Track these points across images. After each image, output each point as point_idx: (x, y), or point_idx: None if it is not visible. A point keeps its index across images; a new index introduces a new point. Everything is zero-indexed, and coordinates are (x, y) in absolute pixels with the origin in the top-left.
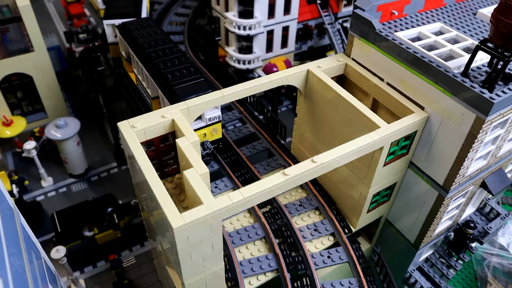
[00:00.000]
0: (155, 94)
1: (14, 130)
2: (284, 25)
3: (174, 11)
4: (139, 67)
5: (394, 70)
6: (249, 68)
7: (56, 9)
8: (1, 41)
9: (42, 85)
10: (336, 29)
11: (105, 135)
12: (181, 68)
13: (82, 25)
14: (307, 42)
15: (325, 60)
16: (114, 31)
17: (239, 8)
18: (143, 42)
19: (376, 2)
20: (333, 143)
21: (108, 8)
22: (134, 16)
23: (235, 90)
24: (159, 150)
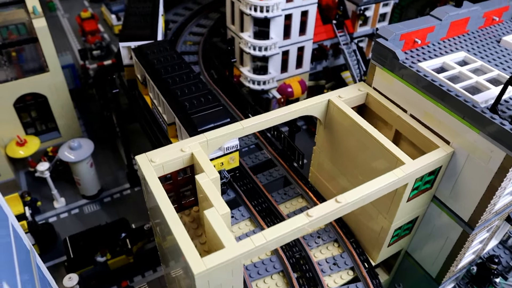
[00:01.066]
0: (171, 120)
1: (28, 150)
2: (300, 46)
3: (188, 30)
4: (155, 92)
5: (418, 102)
6: (264, 89)
7: (71, 24)
8: (17, 61)
9: (56, 104)
10: (352, 50)
11: (117, 154)
12: (198, 95)
13: (96, 42)
14: (322, 62)
15: (346, 90)
16: (130, 53)
17: (255, 29)
18: (159, 67)
19: (399, 31)
20: (353, 174)
21: (124, 29)
22: (150, 38)
23: (255, 122)
24: (177, 183)
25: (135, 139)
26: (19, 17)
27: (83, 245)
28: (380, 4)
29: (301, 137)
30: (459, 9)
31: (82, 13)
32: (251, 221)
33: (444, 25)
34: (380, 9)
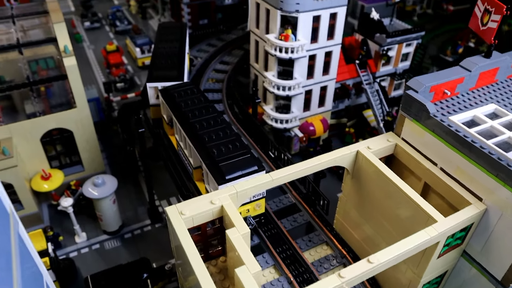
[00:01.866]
0: (197, 164)
1: (52, 184)
2: (323, 85)
3: (212, 67)
4: (182, 135)
5: (449, 156)
6: (286, 127)
7: (96, 56)
8: (45, 95)
9: (81, 139)
10: (375, 90)
11: (139, 188)
12: (226, 142)
13: (120, 75)
14: (344, 100)
15: (375, 140)
16: (156, 93)
17: (279, 69)
18: (187, 111)
19: (429, 83)
20: (380, 223)
21: (151, 69)
22: (177, 79)
23: (284, 174)
24: (206, 234)
25: (157, 174)
26: (48, 51)
27: (105, 285)
28: (403, 44)
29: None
30: (488, 60)
31: (107, 46)
32: (275, 268)
33: (474, 76)
34: (403, 49)
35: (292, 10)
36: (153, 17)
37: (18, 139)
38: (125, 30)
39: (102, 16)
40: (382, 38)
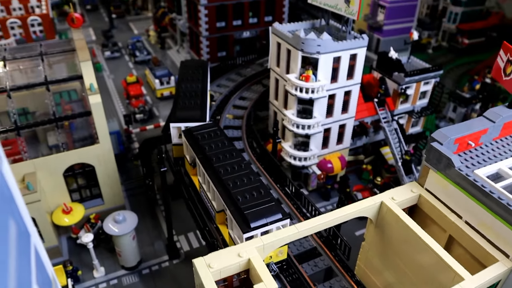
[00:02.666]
0: (221, 208)
1: (73, 218)
2: (342, 123)
3: (232, 103)
4: (206, 179)
5: (475, 211)
6: (305, 165)
7: (115, 85)
8: (68, 129)
9: (103, 174)
10: (393, 128)
11: (157, 221)
12: (250, 188)
13: (139, 106)
14: (362, 137)
15: (399, 191)
16: (179, 132)
17: (298, 107)
18: (211, 154)
19: (453, 136)
20: (402, 271)
21: (175, 109)
22: (200, 120)
23: (310, 226)
24: (231, 286)
25: (175, 209)
26: (72, 83)
27: None
28: (421, 82)
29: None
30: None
31: (128, 77)
32: None
33: (497, 127)
34: (421, 87)
35: (313, 52)
36: (171, 48)
37: (41, 173)
38: (144, 60)
39: (122, 46)
40: (401, 77)
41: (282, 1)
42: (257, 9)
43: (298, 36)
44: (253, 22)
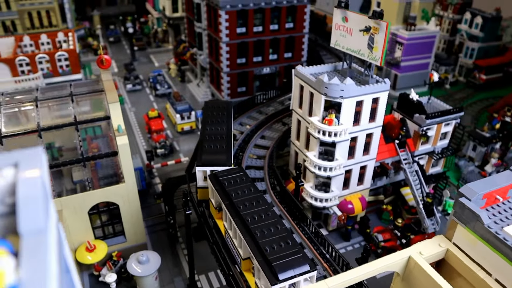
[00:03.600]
0: (247, 255)
1: (96, 257)
2: (363, 165)
3: (254, 142)
4: (232, 226)
5: (505, 269)
6: (326, 206)
7: (136, 118)
8: (94, 167)
9: (126, 212)
10: (414, 170)
11: (177, 259)
12: (278, 238)
13: (161, 141)
14: (382, 178)
15: (426, 245)
16: (204, 175)
17: (320, 149)
18: (237, 201)
19: (481, 191)
20: None
21: (200, 152)
22: (225, 164)
23: (340, 281)
24: None
25: (196, 247)
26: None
27: None
28: (442, 124)
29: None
30: None
31: (150, 112)
32: None
33: None
34: (442, 129)
35: (337, 96)
36: (191, 81)
37: (67, 212)
38: (164, 94)
39: (143, 79)
40: (422, 119)
41: (302, 38)
42: (277, 46)
43: (321, 81)
44: (273, 59)
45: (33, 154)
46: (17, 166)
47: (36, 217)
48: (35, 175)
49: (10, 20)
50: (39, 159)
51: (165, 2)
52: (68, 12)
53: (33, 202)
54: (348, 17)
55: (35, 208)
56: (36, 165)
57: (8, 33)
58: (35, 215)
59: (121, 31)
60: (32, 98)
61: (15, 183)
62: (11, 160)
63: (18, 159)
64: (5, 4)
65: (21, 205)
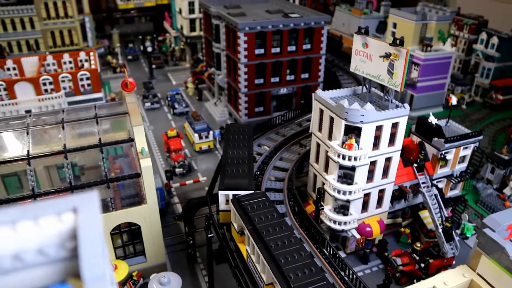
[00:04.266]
0: (270, 281)
1: (118, 276)
2: (381, 188)
3: (273, 164)
4: (255, 251)
5: None
6: (344, 229)
7: (155, 136)
8: (117, 187)
9: (148, 233)
10: (433, 194)
11: (195, 279)
12: (302, 265)
13: (179, 160)
14: (400, 201)
15: (450, 276)
16: (226, 198)
17: (340, 173)
18: (261, 226)
19: (506, 222)
20: None
21: (223, 176)
22: (247, 188)
23: None
24: None
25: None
26: (119, 138)
27: None
28: (461, 147)
29: (377, 276)
30: None
31: (169, 131)
32: None
33: None
34: (460, 152)
35: (357, 121)
36: (208, 100)
37: None
38: (182, 112)
39: (161, 97)
40: (440, 143)
41: (319, 59)
42: (294, 67)
43: (342, 106)
44: (290, 79)
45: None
46: (75, 211)
47: (97, 262)
48: (95, 220)
49: (34, 39)
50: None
51: (183, 22)
52: (89, 31)
53: (94, 247)
54: (368, 43)
55: (96, 254)
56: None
57: (32, 52)
58: (96, 260)
59: (140, 49)
60: (58, 120)
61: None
62: (70, 205)
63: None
64: (29, 24)
65: (83, 250)
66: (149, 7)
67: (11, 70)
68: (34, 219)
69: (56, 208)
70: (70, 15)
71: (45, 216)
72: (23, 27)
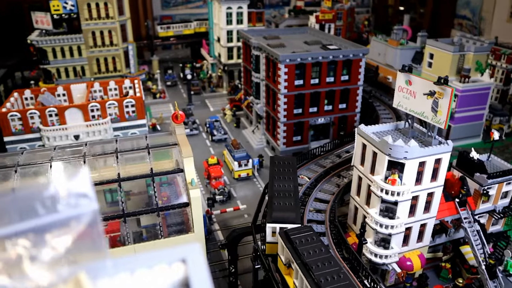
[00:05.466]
0: None
1: None
2: (423, 223)
3: (314, 195)
4: (304, 285)
5: None
6: (385, 262)
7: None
8: (164, 216)
9: None
10: (475, 230)
11: None
12: None
13: (219, 187)
14: (441, 236)
15: None
16: (273, 230)
17: (382, 207)
18: (310, 261)
19: None
20: None
21: (271, 209)
22: (294, 221)
23: None
24: None
25: None
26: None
27: None
28: (503, 183)
29: None
30: None
31: (210, 159)
32: None
33: None
34: (503, 188)
35: (401, 157)
36: (246, 127)
37: None
38: (220, 139)
39: (199, 123)
40: (483, 179)
41: (356, 90)
42: (332, 98)
43: (386, 142)
44: (328, 109)
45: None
46: (185, 261)
47: None
48: (203, 271)
49: (80, 65)
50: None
51: (220, 50)
52: (131, 58)
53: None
54: (412, 81)
55: None
56: (200, 261)
57: (77, 77)
58: None
59: (178, 76)
60: (113, 149)
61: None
62: (178, 255)
63: (185, 255)
64: (77, 51)
65: None
66: (188, 35)
67: (61, 96)
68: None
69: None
70: (115, 43)
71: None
72: (71, 55)
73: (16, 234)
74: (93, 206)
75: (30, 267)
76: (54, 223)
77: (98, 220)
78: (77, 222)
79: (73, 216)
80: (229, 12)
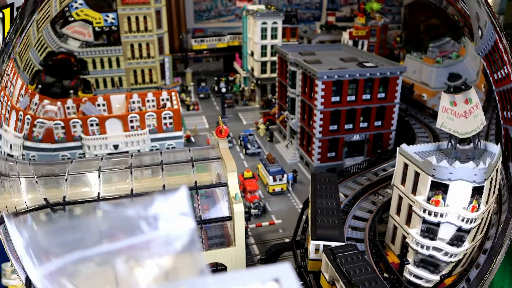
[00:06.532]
0: None
1: None
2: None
3: (352, 213)
4: None
5: None
6: (428, 286)
7: None
8: (205, 231)
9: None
10: None
11: None
12: None
13: (255, 201)
14: None
15: None
16: (316, 247)
17: (423, 227)
18: (356, 280)
19: None
20: None
21: (314, 226)
22: (338, 239)
23: None
24: None
25: None
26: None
27: None
28: None
29: None
30: None
31: (245, 172)
32: None
33: None
34: None
35: (445, 178)
36: (279, 142)
37: None
38: (254, 153)
39: (233, 136)
40: None
41: (392, 108)
42: (368, 115)
43: (429, 162)
44: (363, 127)
45: (287, 269)
46: (278, 281)
47: None
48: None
49: (118, 76)
50: (293, 275)
51: (254, 64)
52: (167, 70)
53: None
54: (457, 102)
55: None
56: (294, 281)
57: (115, 88)
58: None
59: (211, 88)
60: (158, 162)
61: None
62: (272, 275)
63: (278, 275)
64: (116, 63)
65: None
66: (221, 48)
67: (101, 106)
68: (245, 285)
69: (260, 277)
70: (152, 55)
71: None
72: (110, 66)
73: (121, 250)
74: (191, 224)
75: (138, 281)
76: (156, 239)
77: (197, 238)
78: (177, 239)
79: (173, 233)
80: (264, 27)
